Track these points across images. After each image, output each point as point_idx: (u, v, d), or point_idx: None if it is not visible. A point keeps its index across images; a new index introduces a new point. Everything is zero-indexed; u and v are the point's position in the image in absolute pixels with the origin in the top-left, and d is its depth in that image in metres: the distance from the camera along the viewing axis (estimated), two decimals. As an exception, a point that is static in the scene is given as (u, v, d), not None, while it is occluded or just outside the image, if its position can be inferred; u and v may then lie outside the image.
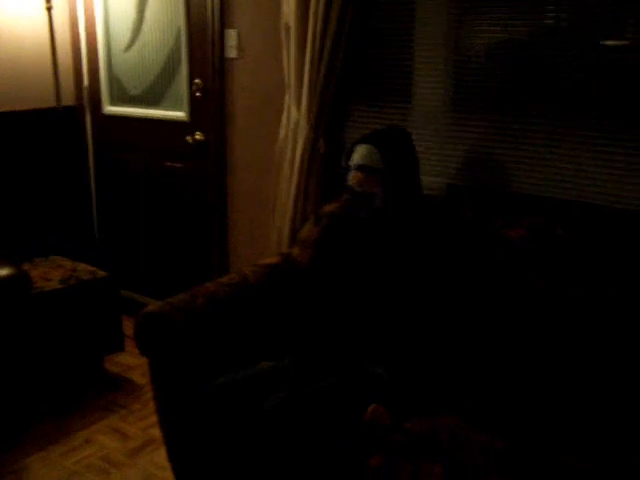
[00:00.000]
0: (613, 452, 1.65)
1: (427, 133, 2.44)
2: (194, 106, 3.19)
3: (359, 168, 1.99)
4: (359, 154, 1.99)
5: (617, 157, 2.06)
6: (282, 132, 2.69)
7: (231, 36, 2.94)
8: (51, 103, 3.53)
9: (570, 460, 1.60)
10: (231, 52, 2.97)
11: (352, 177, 2.01)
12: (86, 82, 3.63)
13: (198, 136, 3.17)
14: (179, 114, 3.27)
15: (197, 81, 3.14)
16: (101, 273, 3.03)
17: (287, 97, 2.65)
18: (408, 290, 1.94)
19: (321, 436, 1.74)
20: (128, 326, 2.57)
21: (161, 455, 2.37)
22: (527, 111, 2.22)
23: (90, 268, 3.07)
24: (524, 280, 1.98)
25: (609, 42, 2.07)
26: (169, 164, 3.37)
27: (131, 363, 3.16)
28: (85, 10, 3.53)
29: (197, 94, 3.15)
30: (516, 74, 2.24)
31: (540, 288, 1.95)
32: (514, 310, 1.98)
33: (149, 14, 3.31)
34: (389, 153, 1.98)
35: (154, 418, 2.23)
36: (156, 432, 2.37)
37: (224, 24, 2.95)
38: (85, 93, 3.65)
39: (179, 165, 3.32)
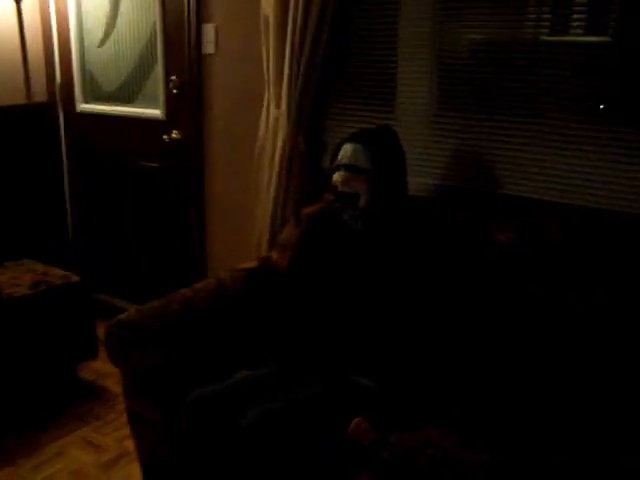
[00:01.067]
0: (606, 452, 1.58)
1: (412, 132, 2.35)
2: (170, 103, 3.08)
3: (346, 167, 1.90)
4: (346, 153, 1.91)
5: (606, 157, 1.99)
6: (262, 129, 2.60)
7: (208, 31, 2.83)
8: (22, 100, 3.41)
9: (564, 461, 1.53)
10: (208, 47, 2.86)
11: (337, 176, 1.92)
12: (58, 78, 3.51)
13: (175, 135, 3.06)
14: (155, 112, 3.16)
15: (173, 78, 3.02)
16: (74, 278, 2.91)
17: (266, 93, 2.55)
18: (393, 294, 1.85)
19: (304, 445, 1.66)
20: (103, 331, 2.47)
21: (136, 468, 2.26)
22: (514, 109, 2.14)
23: (62, 272, 2.94)
24: (517, 281, 1.90)
25: (593, 39, 2.00)
26: (145, 163, 3.26)
27: (106, 370, 3.03)
28: (56, 4, 3.41)
29: (173, 91, 3.04)
30: (502, 72, 2.15)
31: (533, 290, 1.87)
32: (507, 312, 1.90)
33: (124, 8, 3.20)
34: (377, 153, 1.90)
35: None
36: (131, 444, 2.26)
37: (201, 19, 2.85)
38: (57, 90, 3.53)
39: (155, 164, 3.21)
